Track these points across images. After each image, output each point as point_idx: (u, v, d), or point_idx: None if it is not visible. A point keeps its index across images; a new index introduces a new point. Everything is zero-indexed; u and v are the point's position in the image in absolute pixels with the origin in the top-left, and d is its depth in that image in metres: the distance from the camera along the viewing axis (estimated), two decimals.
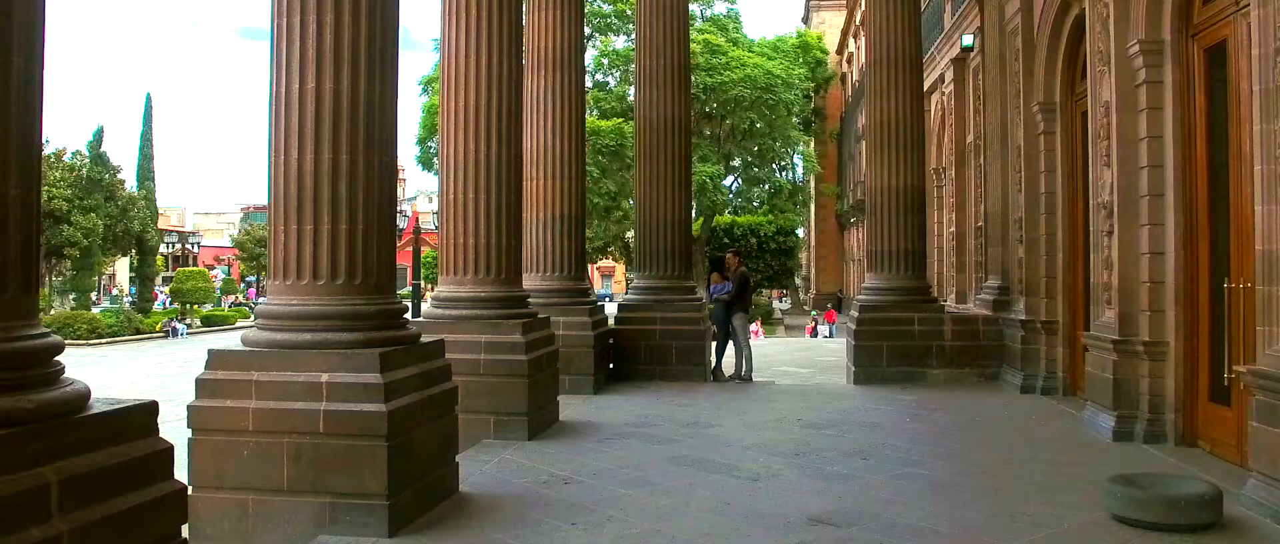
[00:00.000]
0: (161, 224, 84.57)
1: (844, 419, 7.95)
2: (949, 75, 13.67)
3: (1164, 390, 6.60)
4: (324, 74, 4.82)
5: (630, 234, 30.01)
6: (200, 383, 4.76)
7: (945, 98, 14.46)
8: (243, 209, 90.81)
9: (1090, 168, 7.52)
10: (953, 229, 13.05)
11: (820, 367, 14.38)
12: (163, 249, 46.50)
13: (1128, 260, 6.82)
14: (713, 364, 10.87)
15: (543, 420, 7.49)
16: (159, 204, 40.14)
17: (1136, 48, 6.69)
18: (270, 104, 4.97)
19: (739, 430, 7.46)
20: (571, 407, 8.67)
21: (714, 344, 11.04)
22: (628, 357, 10.60)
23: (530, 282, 9.93)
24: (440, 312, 7.41)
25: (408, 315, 5.20)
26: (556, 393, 8.04)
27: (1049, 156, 9.29)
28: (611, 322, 10.78)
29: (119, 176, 34.75)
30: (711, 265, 11.32)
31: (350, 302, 4.83)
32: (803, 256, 53.51)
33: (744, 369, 10.66)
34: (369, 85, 4.90)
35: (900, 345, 10.28)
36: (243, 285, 66.13)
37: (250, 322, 35.37)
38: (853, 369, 10.41)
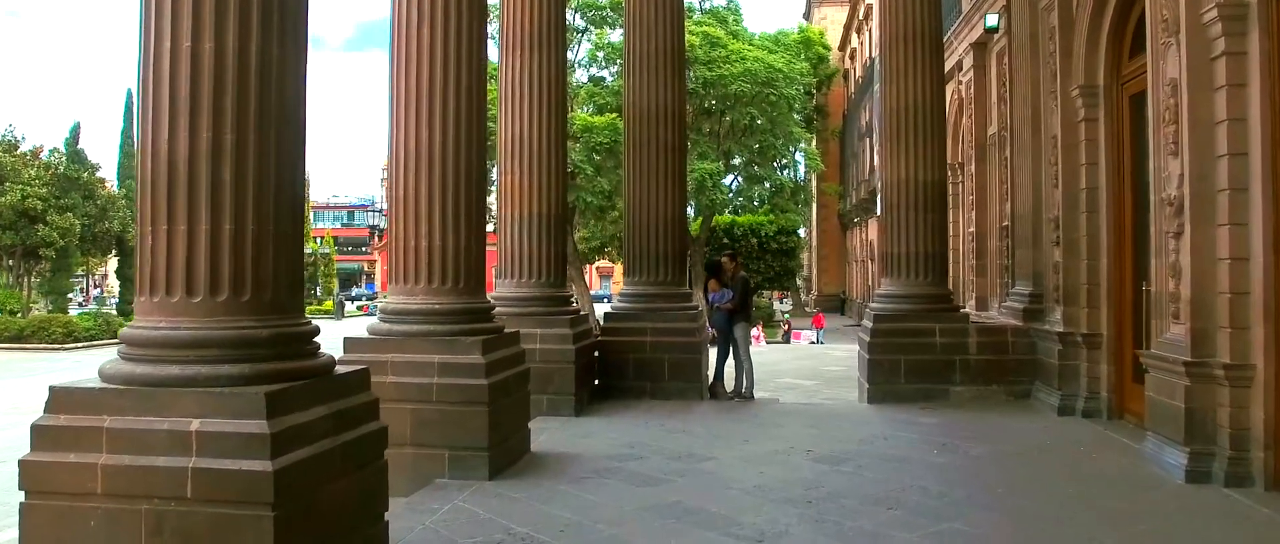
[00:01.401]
0: None
1: (861, 451, 6.84)
2: (967, 62, 12.56)
3: (1249, 423, 5.49)
4: (203, 29, 3.70)
5: None
6: (36, 430, 3.64)
7: (963, 86, 13.35)
8: None
9: (1151, 157, 6.41)
10: (972, 229, 11.96)
11: (826, 379, 13.30)
12: None
13: (1203, 267, 5.71)
14: (711, 379, 9.76)
15: (509, 454, 6.38)
16: None
17: (1214, 13, 5.59)
18: (138, 71, 3.87)
19: (739, 466, 6.35)
20: (548, 432, 7.58)
21: (712, 357, 9.94)
22: (615, 371, 9.49)
23: (503, 288, 8.87)
24: (387, 326, 6.31)
25: (319, 339, 4.10)
26: (527, 419, 6.94)
27: (1090, 147, 8.18)
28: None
29: (98, 174, 33.60)
30: (707, 271, 10.18)
31: (236, 324, 3.72)
32: (804, 257, 52.43)
33: (745, 386, 9.56)
34: (263, 42, 3.78)
35: (920, 360, 9.18)
36: None
37: None
38: (866, 386, 9.30)
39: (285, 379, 3.73)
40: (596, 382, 9.45)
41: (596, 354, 9.46)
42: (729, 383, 9.75)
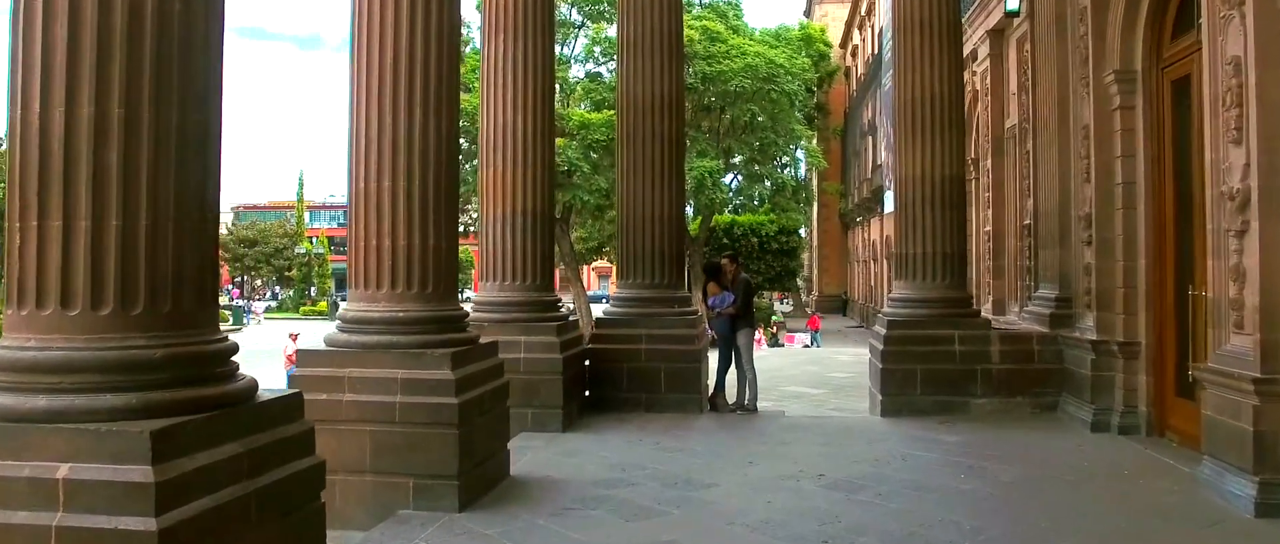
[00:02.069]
0: None
1: (878, 475, 6.12)
2: (983, 50, 11.84)
3: None
4: None
5: None
6: None
7: (978, 77, 12.63)
8: (234, 208, 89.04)
9: (1207, 146, 5.69)
10: (989, 228, 11.25)
11: (834, 387, 12.58)
12: None
13: (1275, 269, 4.99)
14: (711, 390, 9.04)
15: (484, 480, 5.66)
16: None
17: None
18: (8, 32, 3.16)
19: (743, 494, 5.63)
20: (531, 451, 6.87)
21: (713, 366, 9.22)
22: (607, 382, 8.77)
23: (486, 292, 8.17)
24: (345, 337, 5.59)
25: (237, 357, 3.38)
26: (506, 439, 6.22)
27: (1127, 137, 7.46)
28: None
29: None
30: (706, 273, 9.44)
31: (123, 343, 3.00)
32: (805, 257, 51.72)
33: (748, 398, 8.83)
34: None
35: (937, 369, 8.46)
36: (228, 287, 64.38)
37: (228, 325, 33.49)
38: (879, 397, 8.58)
39: (185, 411, 3.01)
40: (587, 393, 8.73)
41: (587, 363, 8.75)
42: (731, 394, 9.02)
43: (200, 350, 3.18)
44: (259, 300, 51.04)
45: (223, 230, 69.49)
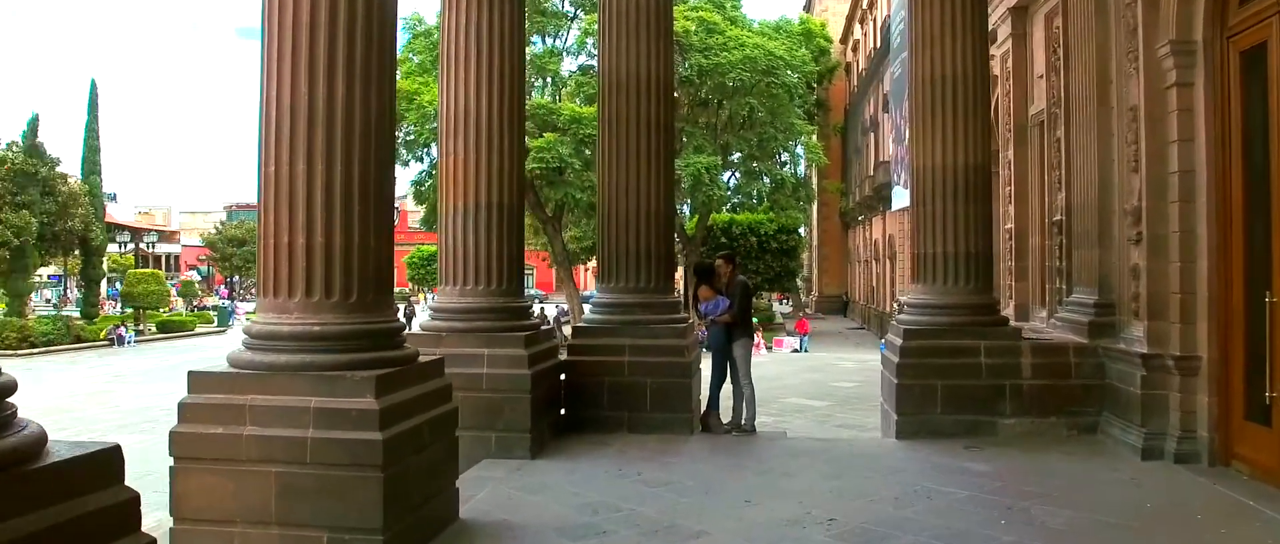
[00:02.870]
0: (144, 223, 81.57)
1: (900, 518, 5.09)
2: (1004, 30, 10.79)
3: None
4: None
5: None
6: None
7: (998, 60, 11.55)
8: (226, 207, 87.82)
9: None
10: (1010, 225, 10.22)
11: (840, 398, 11.54)
12: (136, 248, 43.58)
13: None
14: (703, 407, 8.00)
15: (421, 528, 4.64)
16: (144, 203, 37.11)
17: None
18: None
19: None
20: (491, 484, 5.87)
21: (707, 380, 8.19)
22: (585, 398, 7.74)
23: (444, 297, 7.14)
24: (250, 356, 4.55)
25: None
26: (454, 475, 5.18)
27: (1184, 119, 6.44)
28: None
29: (59, 169, 31.66)
30: (697, 275, 8.37)
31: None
32: (804, 257, 50.75)
33: (745, 417, 7.80)
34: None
35: (960, 385, 7.43)
36: (220, 287, 63.32)
37: (212, 327, 32.52)
38: (895, 417, 7.55)
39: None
40: (563, 412, 7.71)
41: (563, 377, 7.72)
42: (726, 413, 7.98)
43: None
44: (247, 300, 49.91)
45: (211, 230, 68.41)
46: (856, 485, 5.91)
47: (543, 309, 34.58)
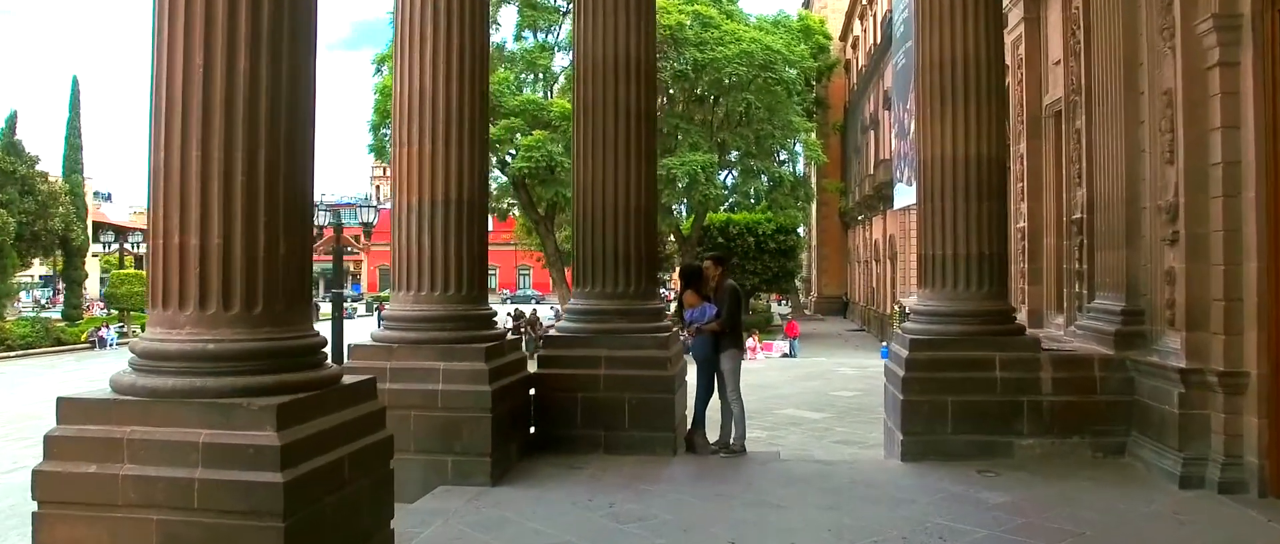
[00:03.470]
0: (138, 223, 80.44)
1: None
2: (1015, 15, 10.03)
3: None
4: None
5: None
6: None
7: (1008, 48, 10.78)
8: None
9: None
10: (1022, 224, 9.49)
11: (839, 410, 10.81)
12: (120, 247, 42.78)
13: None
14: (689, 424, 7.25)
15: None
16: (139, 203, 36.29)
17: None
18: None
19: None
20: (442, 519, 5.16)
21: (692, 395, 7.44)
22: (558, 415, 6.99)
23: (396, 304, 6.40)
24: (133, 379, 3.80)
25: None
26: (387, 515, 4.42)
27: (1229, 103, 5.70)
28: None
29: (39, 168, 30.85)
30: (683, 279, 7.59)
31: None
32: (803, 257, 50.05)
33: (734, 436, 7.05)
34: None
35: (973, 401, 6.69)
36: None
37: None
38: (900, 436, 6.80)
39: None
40: (533, 429, 6.97)
41: (533, 392, 6.98)
42: (713, 430, 7.22)
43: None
44: None
45: None
46: (858, 521, 5.17)
47: (536, 311, 33.87)
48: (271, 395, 3.67)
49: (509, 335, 7.11)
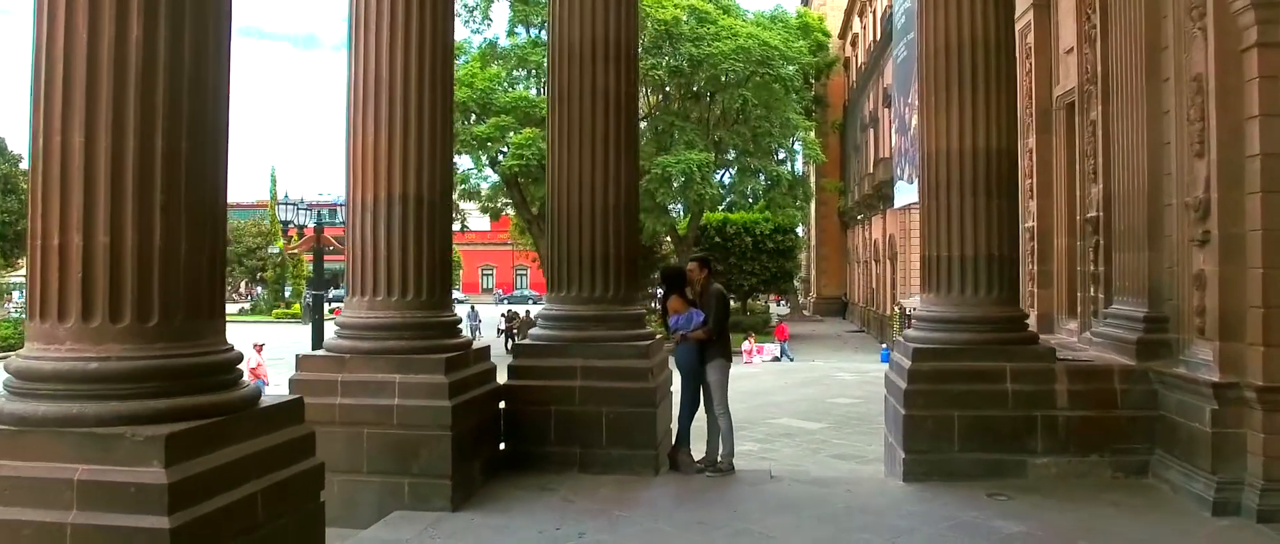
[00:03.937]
0: None
1: None
2: (1023, 1, 9.46)
3: None
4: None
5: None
6: None
7: (1016, 36, 10.22)
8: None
9: None
10: (1031, 224, 8.93)
11: (836, 419, 10.25)
12: None
13: None
14: (673, 439, 6.68)
15: None
16: None
17: None
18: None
19: None
20: None
21: (676, 408, 6.87)
22: (529, 431, 6.43)
23: (350, 311, 5.84)
24: (3, 403, 3.24)
25: None
26: None
27: (1269, 88, 5.15)
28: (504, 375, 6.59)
29: (22, 167, 30.28)
30: (665, 283, 7.01)
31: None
32: (802, 257, 49.50)
33: (721, 453, 6.48)
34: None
35: (982, 416, 6.13)
36: None
37: None
38: (902, 454, 6.23)
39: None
40: (501, 445, 6.41)
41: (503, 405, 6.42)
42: (698, 447, 6.66)
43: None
44: (232, 302, 48.53)
45: None
46: None
47: (530, 312, 33.30)
48: (163, 422, 3.12)
49: (502, 337, 6.52)
